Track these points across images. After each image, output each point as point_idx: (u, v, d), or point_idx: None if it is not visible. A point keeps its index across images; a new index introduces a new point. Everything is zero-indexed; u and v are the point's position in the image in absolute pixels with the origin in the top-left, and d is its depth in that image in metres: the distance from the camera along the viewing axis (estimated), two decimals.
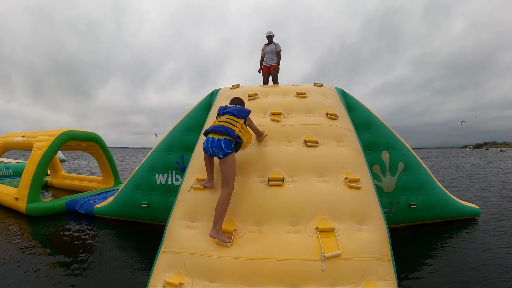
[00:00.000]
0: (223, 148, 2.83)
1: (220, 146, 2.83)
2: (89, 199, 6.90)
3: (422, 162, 5.39)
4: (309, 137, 3.61)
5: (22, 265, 3.89)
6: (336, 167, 3.19)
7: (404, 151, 5.19)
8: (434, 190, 5.31)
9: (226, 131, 2.93)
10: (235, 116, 3.16)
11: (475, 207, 6.01)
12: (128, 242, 4.83)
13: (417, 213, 5.21)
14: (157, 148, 5.35)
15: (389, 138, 5.11)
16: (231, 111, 3.22)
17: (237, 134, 2.99)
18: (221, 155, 2.84)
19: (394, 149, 5.10)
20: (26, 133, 8.17)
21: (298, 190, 2.98)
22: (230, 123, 3.05)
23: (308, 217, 2.74)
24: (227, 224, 2.82)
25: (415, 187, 5.17)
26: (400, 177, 5.09)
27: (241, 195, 3.04)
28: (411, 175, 5.15)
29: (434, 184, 5.37)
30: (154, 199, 5.28)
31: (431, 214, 5.34)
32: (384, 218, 2.77)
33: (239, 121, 3.12)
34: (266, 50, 6.59)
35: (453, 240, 4.76)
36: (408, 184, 5.11)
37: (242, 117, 3.19)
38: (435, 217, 5.42)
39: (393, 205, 5.07)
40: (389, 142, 5.10)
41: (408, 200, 5.12)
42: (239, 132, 3.03)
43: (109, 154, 9.01)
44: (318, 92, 4.59)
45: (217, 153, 2.86)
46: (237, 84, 5.10)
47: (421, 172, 5.24)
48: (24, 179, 6.66)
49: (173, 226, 2.92)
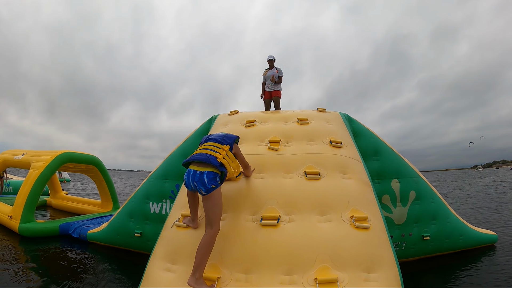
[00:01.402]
0: (206, 183, 2.46)
1: (202, 180, 2.47)
2: (84, 223, 6.68)
3: (434, 189, 5.04)
4: (310, 168, 3.25)
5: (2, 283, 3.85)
6: (340, 204, 2.81)
7: (416, 178, 4.84)
8: (448, 219, 4.93)
9: (206, 159, 2.55)
10: (219, 143, 2.78)
11: (492, 234, 5.64)
12: (119, 272, 4.58)
13: (431, 245, 4.80)
14: (153, 176, 5.10)
15: (399, 165, 4.77)
16: (214, 137, 2.88)
17: (220, 162, 2.60)
18: (204, 191, 2.48)
19: (404, 177, 4.75)
20: (26, 151, 8.17)
21: (295, 231, 2.60)
22: (212, 149, 2.67)
23: (306, 265, 2.34)
24: (210, 270, 2.44)
25: (428, 217, 4.78)
26: (412, 207, 4.72)
27: (228, 236, 2.66)
28: (423, 204, 4.77)
29: (448, 212, 4.99)
30: (148, 229, 4.98)
31: (446, 245, 4.94)
32: (397, 262, 2.40)
33: (223, 148, 2.73)
34: (267, 75, 6.41)
35: (471, 272, 4.41)
36: (420, 214, 4.73)
37: (227, 143, 2.81)
38: (450, 248, 5.02)
39: (404, 237, 4.68)
40: (399, 169, 4.75)
41: (421, 232, 4.73)
42: (223, 159, 2.64)
43: (108, 178, 8.86)
44: (321, 118, 4.30)
45: (199, 189, 2.49)
46: (236, 110, 4.86)
47: (434, 201, 4.87)
48: (19, 198, 6.59)
49: (152, 266, 2.60)
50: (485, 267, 4.62)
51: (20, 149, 8.76)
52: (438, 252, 4.96)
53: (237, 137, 3.01)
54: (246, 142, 3.83)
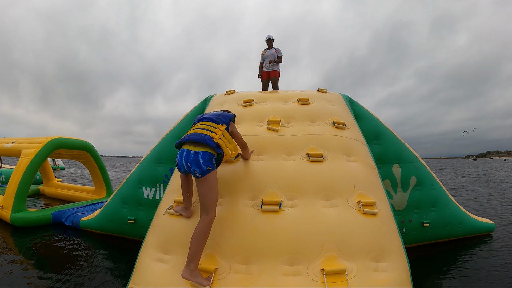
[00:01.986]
0: (201, 165, 2.25)
1: (197, 161, 2.26)
2: (76, 211, 6.50)
3: (435, 176, 4.92)
4: (313, 149, 3.06)
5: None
6: (346, 188, 2.63)
7: (416, 164, 4.71)
8: (448, 206, 4.82)
9: (201, 139, 2.34)
10: (214, 122, 2.57)
11: (490, 223, 5.56)
12: (113, 259, 4.45)
13: (430, 232, 4.71)
14: (145, 160, 4.89)
15: (401, 150, 4.64)
16: (209, 116, 2.66)
17: (216, 142, 2.40)
18: (198, 173, 2.27)
19: (406, 162, 4.62)
20: (17, 139, 7.92)
21: (299, 217, 2.41)
22: (207, 129, 2.47)
23: (312, 254, 2.17)
24: (207, 261, 2.26)
25: (429, 204, 4.68)
26: (413, 193, 4.61)
27: (226, 222, 2.47)
28: (424, 190, 4.66)
29: (448, 199, 4.88)
30: (141, 215, 4.82)
31: (445, 232, 4.85)
32: (405, 251, 2.26)
33: (219, 127, 2.52)
34: (265, 55, 6.21)
35: (470, 260, 4.33)
36: (421, 201, 4.63)
37: (223, 122, 2.59)
38: (449, 235, 4.93)
39: (404, 224, 4.58)
40: (401, 154, 4.62)
41: (421, 218, 4.63)
42: (219, 140, 2.44)
43: (101, 164, 8.65)
44: (322, 98, 4.10)
45: (193, 170, 2.27)
46: (232, 90, 4.64)
47: (434, 187, 4.76)
48: (10, 187, 6.37)
49: (144, 257, 2.42)
50: (483, 254, 4.58)
51: (14, 137, 8.54)
52: (436, 239, 4.88)
53: (233, 115, 2.80)
54: (243, 123, 3.62)
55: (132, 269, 2.43)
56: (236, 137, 2.80)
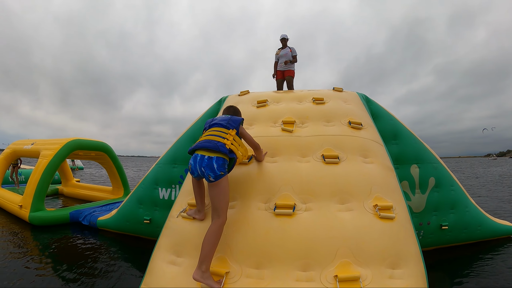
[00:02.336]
0: (215, 169, 2.29)
1: (211, 166, 2.30)
2: (94, 211, 6.62)
3: (454, 177, 4.77)
4: (328, 151, 2.98)
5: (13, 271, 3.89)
6: (362, 191, 2.54)
7: (435, 164, 4.57)
8: (467, 208, 4.66)
9: (215, 147, 2.38)
10: (224, 127, 2.61)
11: (510, 225, 5.34)
12: (128, 259, 4.52)
13: (449, 234, 4.56)
14: (161, 161, 4.94)
15: (419, 150, 4.51)
16: (218, 122, 2.68)
17: (229, 148, 2.44)
18: (212, 178, 2.30)
19: (424, 163, 4.49)
20: (35, 141, 8.15)
21: (313, 221, 2.35)
22: (219, 135, 2.51)
23: (325, 260, 2.10)
24: (218, 264, 2.23)
25: (447, 206, 4.53)
26: (431, 194, 4.47)
27: (238, 225, 2.43)
28: (442, 192, 4.51)
29: (467, 201, 4.72)
30: (157, 215, 4.86)
31: (464, 235, 4.68)
32: (422, 257, 2.16)
33: (230, 132, 2.57)
34: (280, 54, 6.14)
35: (488, 265, 4.17)
36: (439, 202, 4.48)
37: (233, 127, 2.63)
38: (467, 238, 4.76)
39: (422, 226, 4.45)
40: (419, 154, 4.49)
41: (439, 221, 4.48)
42: (231, 145, 2.48)
43: (118, 164, 8.81)
44: (338, 97, 4.00)
45: (207, 175, 2.31)
46: (246, 90, 4.60)
47: (453, 188, 4.60)
48: (29, 187, 6.56)
49: (156, 259, 2.42)
50: (504, 258, 4.39)
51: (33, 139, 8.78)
52: (455, 243, 4.72)
53: (242, 119, 2.81)
54: (257, 123, 3.57)
55: (146, 267, 2.45)
56: (247, 139, 2.80)
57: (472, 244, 4.87)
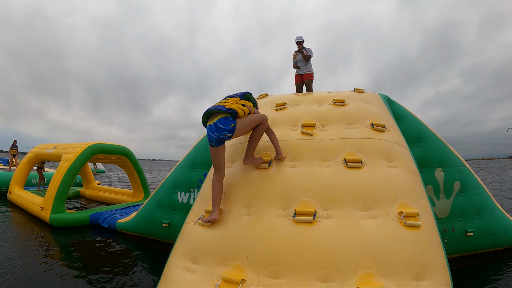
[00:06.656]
0: (223, 128, 2.59)
1: (218, 127, 2.60)
2: (113, 213, 6.73)
3: (480, 180, 4.55)
4: (350, 154, 2.87)
5: (32, 271, 3.98)
6: (387, 197, 2.41)
7: (460, 167, 4.37)
8: (493, 214, 4.44)
9: (215, 108, 2.68)
10: (229, 97, 2.91)
11: None
12: (147, 261, 4.59)
13: (474, 241, 4.35)
14: (180, 164, 4.95)
15: (444, 153, 4.33)
16: (225, 97, 2.96)
17: (228, 107, 2.68)
18: (228, 133, 2.62)
19: (449, 166, 4.31)
20: (57, 145, 8.38)
21: (334, 230, 2.23)
22: (222, 102, 2.81)
23: (347, 270, 1.97)
24: (234, 272, 2.14)
25: (473, 211, 4.32)
26: (456, 199, 4.28)
27: (256, 232, 2.35)
28: (468, 196, 4.31)
29: (494, 206, 4.50)
30: (175, 219, 4.88)
31: (489, 242, 4.46)
32: (448, 267, 2.02)
33: (233, 99, 2.85)
34: (297, 58, 6.08)
35: None
36: (464, 208, 4.29)
37: (236, 96, 2.93)
38: (493, 245, 4.53)
39: (447, 233, 4.26)
40: (444, 157, 4.31)
41: (465, 227, 4.28)
42: (231, 105, 2.72)
43: (139, 168, 8.97)
44: (359, 99, 3.90)
45: (223, 135, 2.63)
46: (265, 94, 4.57)
47: (479, 193, 4.39)
48: (50, 189, 6.78)
49: (171, 265, 2.38)
50: None
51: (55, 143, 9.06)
52: (480, 250, 4.50)
53: (247, 92, 3.10)
54: (276, 127, 3.49)
55: (161, 274, 2.43)
56: (251, 113, 2.96)
57: (497, 251, 4.64)
